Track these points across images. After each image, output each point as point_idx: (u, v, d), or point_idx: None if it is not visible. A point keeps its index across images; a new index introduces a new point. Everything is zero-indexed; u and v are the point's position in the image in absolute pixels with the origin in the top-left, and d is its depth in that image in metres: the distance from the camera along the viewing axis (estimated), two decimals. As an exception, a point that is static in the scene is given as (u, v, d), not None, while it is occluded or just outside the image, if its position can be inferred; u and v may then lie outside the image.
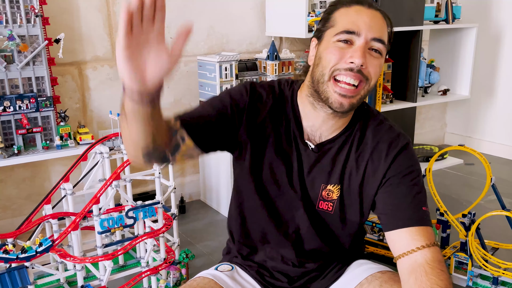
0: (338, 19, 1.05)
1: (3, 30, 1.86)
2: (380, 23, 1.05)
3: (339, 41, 1.03)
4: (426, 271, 1.00)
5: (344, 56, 1.02)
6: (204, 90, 2.43)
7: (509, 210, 1.79)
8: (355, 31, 1.01)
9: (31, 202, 2.25)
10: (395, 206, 1.08)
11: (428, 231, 1.06)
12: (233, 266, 1.25)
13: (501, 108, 3.44)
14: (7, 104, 1.88)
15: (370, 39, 1.02)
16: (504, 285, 1.78)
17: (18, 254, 1.50)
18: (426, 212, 1.08)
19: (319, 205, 1.15)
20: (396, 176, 1.09)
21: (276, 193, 1.16)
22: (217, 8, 2.58)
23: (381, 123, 1.15)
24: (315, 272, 1.23)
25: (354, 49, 1.01)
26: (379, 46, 1.03)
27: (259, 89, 1.14)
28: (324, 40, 1.06)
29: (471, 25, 3.15)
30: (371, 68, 1.02)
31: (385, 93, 2.87)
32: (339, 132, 1.13)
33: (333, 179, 1.13)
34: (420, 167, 1.13)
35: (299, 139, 1.13)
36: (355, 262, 1.26)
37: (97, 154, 1.81)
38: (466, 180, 3.01)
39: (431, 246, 1.03)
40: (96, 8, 2.27)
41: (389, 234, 1.08)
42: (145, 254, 1.70)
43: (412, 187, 1.09)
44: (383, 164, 1.10)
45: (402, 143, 1.11)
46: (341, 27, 1.03)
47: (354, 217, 1.16)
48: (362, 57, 1.00)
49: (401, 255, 1.04)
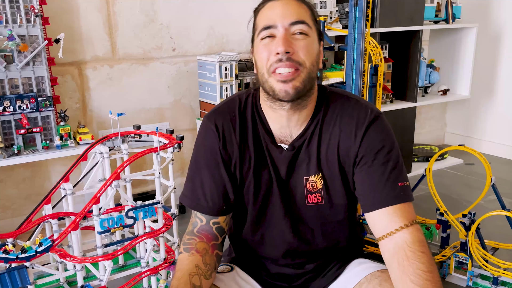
0: (258, 21, 1.10)
1: (3, 30, 1.85)
2: (294, 7, 1.06)
3: (263, 39, 1.06)
4: (407, 255, 1.01)
5: (271, 50, 1.04)
6: (204, 90, 2.43)
7: (509, 210, 1.79)
8: (271, 25, 1.05)
9: (31, 202, 2.25)
10: (371, 186, 1.09)
11: (406, 208, 1.06)
12: (233, 267, 1.25)
13: (501, 108, 3.44)
14: (7, 104, 1.88)
15: (289, 25, 1.04)
16: (504, 285, 1.78)
17: (18, 254, 1.50)
18: (403, 187, 1.08)
19: (308, 199, 1.16)
20: (369, 154, 1.09)
21: (264, 205, 1.18)
22: (217, 8, 2.58)
23: (347, 100, 1.15)
24: (315, 271, 1.24)
25: (276, 40, 1.04)
26: (301, 27, 1.05)
27: (219, 121, 1.16)
28: (254, 45, 1.12)
29: (471, 25, 3.15)
30: (300, 52, 1.04)
31: (385, 93, 2.87)
32: (307, 123, 1.14)
33: (312, 169, 1.14)
34: (393, 139, 1.12)
35: (270, 145, 1.15)
36: (355, 261, 1.26)
37: (97, 154, 1.81)
38: (466, 180, 3.01)
39: (410, 225, 1.04)
40: (96, 8, 2.27)
41: (368, 216, 1.10)
42: (145, 254, 1.70)
43: (386, 163, 1.08)
44: (353, 143, 1.11)
45: (370, 118, 1.11)
46: (260, 26, 1.07)
47: (341, 200, 1.16)
48: (284, 44, 1.02)
49: (381, 237, 1.06)
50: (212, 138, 1.15)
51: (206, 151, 1.16)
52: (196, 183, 1.17)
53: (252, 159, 1.15)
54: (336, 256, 1.25)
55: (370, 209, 1.08)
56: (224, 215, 1.18)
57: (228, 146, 1.15)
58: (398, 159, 1.10)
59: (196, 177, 1.17)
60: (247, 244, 1.25)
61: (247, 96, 1.19)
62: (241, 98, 1.18)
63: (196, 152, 1.19)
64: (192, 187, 1.18)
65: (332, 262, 1.25)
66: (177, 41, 2.51)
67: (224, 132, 1.15)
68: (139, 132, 1.92)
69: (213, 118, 1.17)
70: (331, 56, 2.93)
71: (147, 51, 2.44)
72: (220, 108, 1.18)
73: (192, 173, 1.19)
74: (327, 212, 1.17)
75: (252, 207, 1.18)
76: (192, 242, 1.15)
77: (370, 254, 1.96)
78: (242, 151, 1.15)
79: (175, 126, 2.54)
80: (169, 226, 1.73)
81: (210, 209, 1.16)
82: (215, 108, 1.19)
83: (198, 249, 1.13)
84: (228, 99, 1.21)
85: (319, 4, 2.52)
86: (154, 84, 2.49)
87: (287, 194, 1.16)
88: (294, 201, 1.17)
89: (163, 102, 2.54)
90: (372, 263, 1.23)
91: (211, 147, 1.15)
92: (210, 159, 1.15)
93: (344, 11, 2.62)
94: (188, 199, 1.19)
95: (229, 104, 1.18)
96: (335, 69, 2.67)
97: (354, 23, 2.12)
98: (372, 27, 2.55)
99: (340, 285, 1.21)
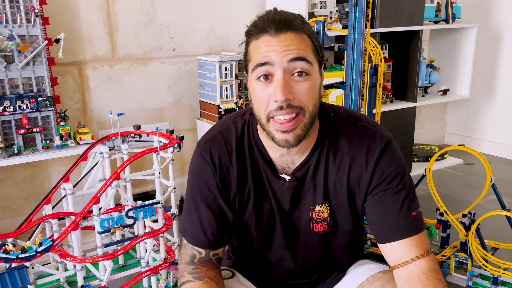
0: (252, 54, 0.99)
1: (3, 30, 1.85)
2: (294, 42, 0.95)
3: (258, 79, 0.97)
4: (421, 281, 0.99)
5: (269, 95, 0.95)
6: (204, 90, 2.43)
7: (509, 210, 1.79)
8: (267, 61, 0.95)
9: (31, 202, 2.25)
10: (384, 218, 1.06)
11: (421, 238, 1.05)
12: (234, 273, 1.24)
13: (501, 108, 3.44)
14: (7, 104, 1.88)
15: (288, 63, 0.94)
16: (504, 285, 1.78)
17: (18, 254, 1.50)
18: (416, 216, 1.06)
19: (314, 228, 1.13)
20: (381, 184, 1.06)
21: (266, 235, 1.15)
22: (217, 8, 2.58)
23: (355, 127, 1.08)
24: (317, 279, 1.24)
25: (274, 85, 0.95)
26: (302, 65, 0.95)
27: (215, 152, 1.09)
28: (248, 76, 1.01)
29: (471, 25, 3.14)
30: (301, 96, 0.95)
31: (385, 93, 2.87)
32: (310, 150, 1.08)
33: (319, 199, 1.10)
34: (404, 165, 1.09)
35: (271, 176, 1.09)
36: (356, 263, 1.26)
37: (97, 154, 1.81)
38: (466, 180, 3.01)
39: (426, 255, 1.02)
40: (96, 8, 2.27)
41: (382, 246, 1.08)
42: (145, 254, 1.70)
43: (399, 192, 1.05)
44: (365, 173, 1.06)
45: (380, 146, 1.05)
46: (255, 62, 0.97)
47: (347, 226, 1.15)
48: (283, 92, 0.93)
49: (395, 266, 1.04)
50: (207, 171, 1.09)
51: (203, 184, 1.10)
52: (195, 217, 1.11)
53: (252, 192, 1.10)
54: (341, 266, 1.25)
55: (385, 241, 1.06)
56: (223, 246, 1.16)
57: (226, 180, 1.09)
58: (410, 186, 1.07)
59: (194, 211, 1.12)
60: (250, 259, 1.24)
61: (242, 123, 1.11)
62: (237, 127, 1.11)
63: (191, 183, 1.13)
64: (192, 222, 1.12)
65: (335, 270, 1.25)
66: (177, 41, 2.51)
67: (222, 165, 1.08)
68: (139, 132, 1.92)
69: (209, 149, 1.09)
70: (331, 56, 2.93)
71: (147, 51, 2.44)
72: (216, 138, 1.10)
73: (189, 206, 1.13)
74: (332, 238, 1.15)
75: (255, 236, 1.16)
76: (200, 270, 1.10)
77: (370, 254, 1.96)
78: (241, 185, 1.09)
79: (175, 126, 2.54)
80: (169, 226, 1.73)
81: (210, 243, 1.12)
82: (210, 137, 1.11)
83: (211, 277, 1.09)
84: (222, 126, 1.12)
85: (319, 4, 2.51)
86: (154, 84, 2.49)
87: (290, 225, 1.13)
88: (298, 230, 1.14)
89: (163, 102, 2.54)
90: (373, 264, 1.23)
91: (208, 180, 1.09)
92: (207, 193, 1.10)
93: (344, 11, 2.62)
94: (189, 235, 1.14)
95: (224, 134, 1.10)
96: (335, 69, 2.67)
97: (354, 23, 2.12)
98: (372, 27, 2.54)
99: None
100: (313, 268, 1.21)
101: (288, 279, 1.23)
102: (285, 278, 1.23)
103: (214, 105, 2.37)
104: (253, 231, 1.15)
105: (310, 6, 2.49)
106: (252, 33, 0.99)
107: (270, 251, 1.17)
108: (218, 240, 1.13)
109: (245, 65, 1.04)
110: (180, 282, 1.11)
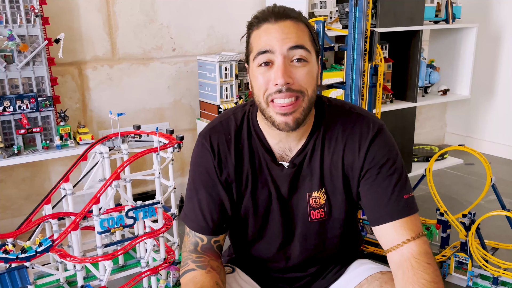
0: (253, 43, 1.05)
1: (3, 30, 1.85)
2: (293, 30, 1.01)
3: (259, 65, 1.02)
4: (412, 266, 1.01)
5: (269, 80, 1.01)
6: (204, 90, 2.43)
7: (509, 210, 1.79)
8: (268, 49, 1.00)
9: (31, 202, 2.25)
10: (377, 201, 1.09)
11: (413, 220, 1.07)
12: (234, 268, 1.25)
13: (501, 108, 3.44)
14: (7, 104, 1.88)
15: (287, 50, 1.00)
16: (504, 285, 1.78)
17: (18, 254, 1.50)
18: (408, 199, 1.08)
19: (311, 216, 1.15)
20: (374, 168, 1.09)
21: (264, 222, 1.17)
22: (217, 8, 2.58)
23: (348, 114, 1.13)
24: (316, 273, 1.24)
25: (274, 69, 1.00)
26: (301, 52, 1.00)
27: (214, 140, 1.13)
28: (250, 65, 1.07)
29: (471, 25, 3.15)
30: (300, 80, 1.00)
31: (385, 93, 2.87)
32: (306, 138, 1.12)
33: (315, 185, 1.13)
34: (397, 150, 1.12)
35: (271, 163, 1.13)
36: (356, 262, 1.27)
37: (97, 154, 1.81)
38: (466, 180, 3.01)
39: (417, 238, 1.04)
40: (96, 8, 2.27)
41: (375, 229, 1.10)
42: (145, 254, 1.70)
43: (391, 176, 1.08)
44: (358, 158, 1.10)
45: (372, 132, 1.10)
46: (256, 50, 1.02)
47: (340, 215, 1.16)
48: (283, 76, 0.98)
49: (388, 249, 1.06)
50: (207, 157, 1.13)
51: (202, 171, 1.14)
52: (196, 204, 1.15)
53: (250, 179, 1.13)
54: (337, 259, 1.25)
55: (377, 223, 1.09)
56: (224, 233, 1.19)
57: (224, 166, 1.13)
58: (402, 171, 1.10)
59: (195, 197, 1.16)
60: (248, 251, 1.25)
61: (242, 114, 1.16)
62: (237, 117, 1.16)
63: (192, 171, 1.17)
64: (193, 208, 1.16)
65: (333, 264, 1.25)
66: (177, 41, 2.51)
67: (220, 152, 1.13)
68: (139, 132, 1.92)
69: (208, 137, 1.14)
70: (331, 56, 2.93)
71: (147, 51, 2.44)
72: (216, 127, 1.15)
73: (190, 192, 1.17)
74: (328, 226, 1.17)
75: (252, 223, 1.17)
76: (203, 259, 1.13)
77: (370, 254, 1.96)
78: (238, 172, 1.13)
79: (175, 126, 2.54)
80: (169, 226, 1.73)
81: (211, 229, 1.15)
82: (210, 127, 1.16)
83: (213, 267, 1.12)
84: (223, 117, 1.18)
85: (319, 4, 2.52)
86: (154, 84, 2.49)
87: (287, 211, 1.16)
88: (296, 217, 1.16)
89: (163, 102, 2.54)
90: (373, 264, 1.23)
91: (207, 166, 1.13)
92: (206, 179, 1.14)
93: (344, 11, 2.62)
94: (189, 220, 1.17)
95: (224, 124, 1.15)
96: (335, 69, 2.67)
97: (354, 23, 2.12)
98: (372, 27, 2.54)
99: (341, 286, 1.21)
100: (310, 259, 1.21)
101: (286, 271, 1.23)
102: (283, 270, 1.23)
103: (214, 105, 2.37)
104: (251, 219, 1.17)
105: (310, 6, 2.49)
106: (253, 24, 1.05)
107: (268, 240, 1.19)
108: (219, 227, 1.16)
109: (246, 56, 1.09)
110: (183, 270, 1.13)
